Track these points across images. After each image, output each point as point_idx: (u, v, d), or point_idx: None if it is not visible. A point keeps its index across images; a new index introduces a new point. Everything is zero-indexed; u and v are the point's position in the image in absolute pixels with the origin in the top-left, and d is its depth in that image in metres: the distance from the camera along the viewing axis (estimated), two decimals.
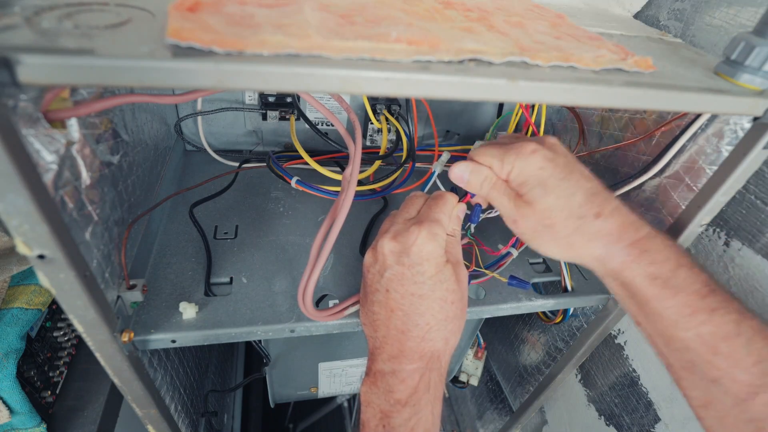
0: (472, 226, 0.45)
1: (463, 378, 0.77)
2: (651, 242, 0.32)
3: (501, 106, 0.64)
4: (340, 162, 0.60)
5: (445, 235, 0.35)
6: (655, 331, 0.33)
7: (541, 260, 0.52)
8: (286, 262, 0.46)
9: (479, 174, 0.36)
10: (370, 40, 0.23)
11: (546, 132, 0.64)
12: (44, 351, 0.48)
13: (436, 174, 0.46)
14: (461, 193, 0.38)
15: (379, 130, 0.62)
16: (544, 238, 0.34)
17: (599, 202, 0.33)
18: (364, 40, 0.23)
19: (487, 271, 0.46)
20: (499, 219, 0.57)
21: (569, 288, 0.49)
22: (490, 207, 0.50)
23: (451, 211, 0.37)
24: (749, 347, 0.30)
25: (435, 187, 0.52)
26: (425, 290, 0.34)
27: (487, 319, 0.78)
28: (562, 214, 0.33)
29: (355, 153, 0.36)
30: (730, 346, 0.30)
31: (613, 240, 0.33)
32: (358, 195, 0.54)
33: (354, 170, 0.35)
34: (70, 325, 0.52)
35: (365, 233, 0.51)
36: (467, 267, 0.47)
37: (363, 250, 0.49)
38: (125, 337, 0.33)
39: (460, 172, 0.37)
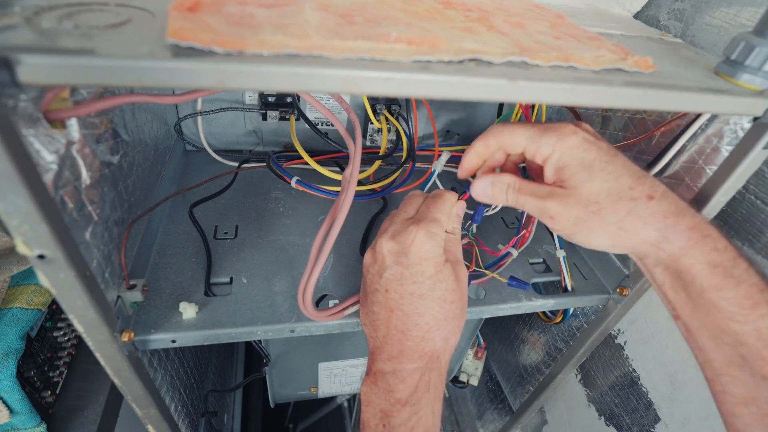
0: (474, 225, 0.45)
1: (463, 378, 0.77)
2: (709, 228, 0.30)
3: (501, 106, 0.64)
4: (340, 162, 0.60)
5: (443, 234, 0.35)
6: (703, 324, 0.32)
7: (541, 260, 0.52)
8: (286, 262, 0.46)
9: (501, 183, 0.34)
10: (370, 40, 0.23)
11: None
12: (44, 351, 0.48)
13: (436, 173, 0.46)
14: (460, 191, 0.38)
15: (379, 130, 0.62)
16: (591, 226, 0.31)
17: (650, 183, 0.31)
18: (364, 40, 0.23)
19: (487, 272, 0.46)
20: (499, 219, 0.57)
21: (569, 288, 0.49)
22: (488, 204, 0.50)
23: (450, 209, 0.37)
24: None
25: (435, 186, 0.52)
26: (424, 290, 0.34)
27: (487, 319, 0.78)
28: (611, 198, 0.30)
29: (355, 153, 0.36)
30: None
31: (671, 223, 0.30)
32: (358, 195, 0.54)
33: (354, 170, 0.35)
34: (70, 325, 0.52)
35: (365, 233, 0.51)
36: (467, 267, 0.47)
37: (363, 250, 0.49)
38: (125, 337, 0.33)
39: (482, 189, 0.35)
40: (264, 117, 0.58)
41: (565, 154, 0.32)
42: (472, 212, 0.47)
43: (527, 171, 0.39)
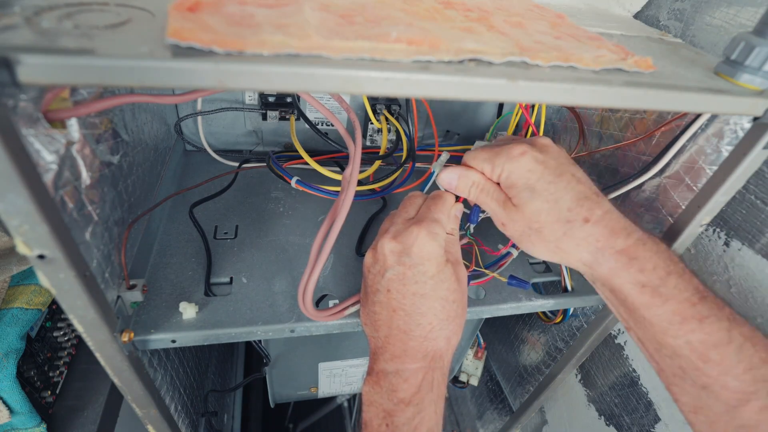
0: (472, 226, 0.45)
1: (463, 378, 0.77)
2: (640, 249, 0.32)
3: (501, 106, 0.64)
4: (340, 162, 0.60)
5: (445, 234, 0.35)
6: (645, 337, 0.33)
7: (541, 260, 0.52)
8: (286, 262, 0.46)
9: (467, 179, 0.36)
10: (370, 40, 0.23)
11: (546, 132, 0.64)
12: (44, 351, 0.48)
13: (435, 174, 0.46)
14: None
15: (379, 130, 0.62)
16: (533, 240, 0.34)
17: (588, 206, 0.33)
18: (364, 40, 0.23)
19: (487, 271, 0.46)
20: None
21: (569, 288, 0.49)
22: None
23: (450, 210, 0.37)
24: (740, 354, 0.30)
25: (434, 187, 0.52)
26: (427, 290, 0.34)
27: (487, 319, 0.78)
28: (550, 218, 0.33)
29: (355, 153, 0.36)
30: (721, 353, 0.30)
31: (601, 246, 0.33)
32: (358, 195, 0.54)
33: (354, 170, 0.35)
34: (70, 325, 0.52)
35: (362, 233, 0.51)
36: (467, 267, 0.47)
37: (360, 250, 0.49)
38: (125, 337, 0.33)
39: (448, 178, 0.37)
40: (264, 117, 0.58)
41: (512, 174, 0.34)
42: (468, 212, 0.47)
43: None
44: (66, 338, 0.52)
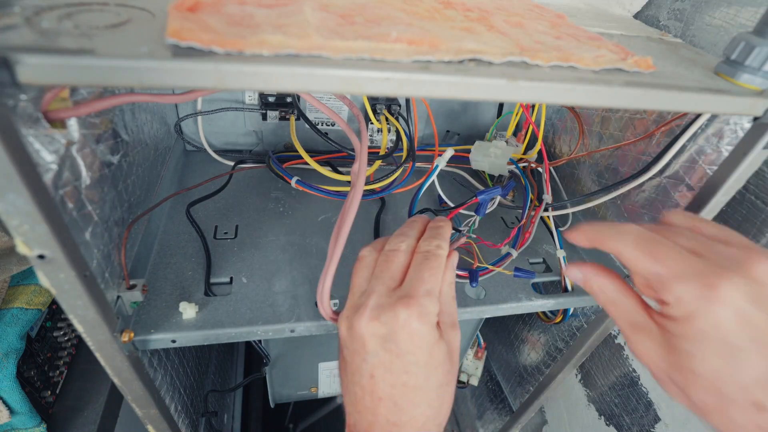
0: (477, 220, 0.45)
1: (463, 378, 0.77)
2: None
3: (501, 106, 0.64)
4: (341, 163, 0.59)
5: (437, 307, 0.30)
6: None
7: (541, 260, 0.52)
8: (286, 262, 0.46)
9: (597, 285, 0.27)
10: (370, 40, 0.23)
11: (546, 132, 0.63)
12: (44, 351, 0.48)
13: (438, 169, 0.46)
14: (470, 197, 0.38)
15: (379, 130, 0.62)
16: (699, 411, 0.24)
17: None
18: (364, 40, 0.23)
19: (491, 267, 0.46)
20: (499, 219, 0.57)
21: (569, 288, 0.49)
22: (492, 199, 0.49)
23: (443, 268, 0.31)
24: None
25: (434, 186, 0.52)
26: (419, 381, 0.29)
27: (487, 319, 0.78)
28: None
29: (362, 149, 0.35)
30: None
31: None
32: None
33: (362, 166, 0.35)
34: (70, 325, 0.52)
35: (375, 235, 0.51)
36: (470, 264, 0.47)
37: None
38: (125, 337, 0.33)
39: (574, 276, 0.29)
40: (264, 117, 0.58)
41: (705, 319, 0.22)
42: (472, 213, 0.47)
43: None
44: (66, 338, 0.52)
